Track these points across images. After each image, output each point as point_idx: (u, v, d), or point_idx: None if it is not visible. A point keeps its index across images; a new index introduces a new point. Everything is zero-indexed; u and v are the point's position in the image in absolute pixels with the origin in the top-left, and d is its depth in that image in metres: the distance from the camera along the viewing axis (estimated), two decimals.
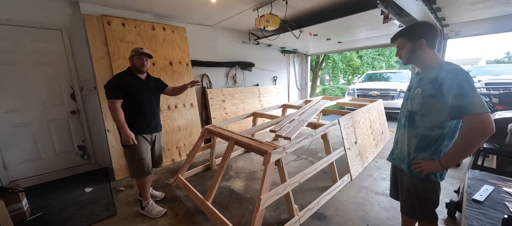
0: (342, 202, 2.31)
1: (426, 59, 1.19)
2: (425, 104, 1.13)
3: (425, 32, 1.16)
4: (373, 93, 6.36)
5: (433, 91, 1.09)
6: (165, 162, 3.32)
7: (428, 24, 1.21)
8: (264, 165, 1.83)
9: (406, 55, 1.23)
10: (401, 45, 1.24)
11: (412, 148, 1.21)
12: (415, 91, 1.20)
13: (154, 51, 3.15)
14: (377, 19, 3.02)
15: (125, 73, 2.00)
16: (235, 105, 4.47)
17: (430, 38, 1.16)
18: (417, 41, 1.17)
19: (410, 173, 1.22)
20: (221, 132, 2.51)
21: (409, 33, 1.21)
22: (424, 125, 1.15)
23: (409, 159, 1.23)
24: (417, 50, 1.18)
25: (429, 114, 1.13)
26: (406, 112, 1.28)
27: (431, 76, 1.12)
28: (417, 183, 1.21)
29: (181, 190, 2.62)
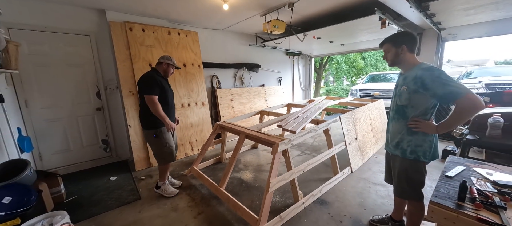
0: (342, 191, 2.54)
1: (406, 62, 1.44)
2: (411, 98, 1.37)
3: (405, 39, 1.42)
4: (375, 93, 6.53)
5: (416, 87, 1.32)
6: (179, 156, 3.60)
7: (408, 32, 1.47)
8: (272, 154, 2.09)
9: (391, 58, 1.49)
10: (387, 50, 1.50)
11: (405, 134, 1.45)
12: (401, 89, 1.44)
13: (170, 53, 3.44)
14: (377, 23, 3.25)
15: (157, 74, 2.28)
16: (242, 104, 4.74)
17: (409, 44, 1.41)
18: (400, 47, 1.42)
19: (402, 155, 1.47)
20: (232, 127, 2.78)
21: (393, 40, 1.46)
22: (415, 114, 1.39)
23: (402, 143, 1.47)
24: (399, 54, 1.43)
25: (416, 105, 1.37)
26: (395, 106, 1.52)
27: (412, 75, 1.36)
28: (407, 166, 1.45)
29: (196, 179, 2.89)
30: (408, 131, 1.44)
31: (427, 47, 4.08)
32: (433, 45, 4.01)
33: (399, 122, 1.49)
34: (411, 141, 1.43)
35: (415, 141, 1.42)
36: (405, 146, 1.45)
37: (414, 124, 1.39)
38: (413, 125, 1.40)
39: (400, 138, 1.48)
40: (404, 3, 2.40)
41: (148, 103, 2.14)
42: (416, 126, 1.38)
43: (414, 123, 1.39)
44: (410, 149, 1.43)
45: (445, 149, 3.42)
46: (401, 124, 1.47)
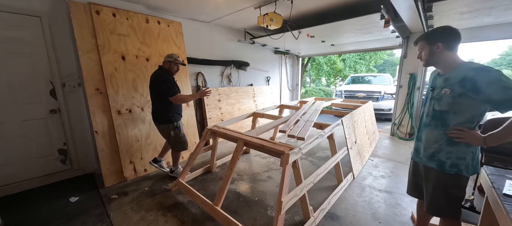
0: (350, 201, 2.35)
1: (445, 61, 1.26)
2: (455, 103, 1.18)
3: (442, 36, 1.24)
4: (359, 95, 6.67)
5: (463, 90, 1.14)
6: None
7: (446, 28, 1.26)
8: (281, 167, 1.77)
9: (425, 57, 1.31)
10: (421, 48, 1.33)
11: (444, 144, 1.25)
12: (442, 92, 1.24)
13: (149, 45, 2.91)
14: (375, 23, 3.16)
15: (166, 73, 2.48)
16: (230, 105, 4.35)
17: (446, 41, 1.23)
18: (435, 44, 1.25)
19: (440, 168, 1.27)
20: (227, 133, 2.40)
21: (428, 37, 1.29)
22: (457, 122, 1.20)
23: (440, 154, 1.27)
24: (435, 52, 1.26)
25: (461, 111, 1.19)
26: (431, 112, 1.32)
27: (458, 76, 1.18)
28: (446, 180, 1.25)
29: (183, 195, 2.44)
30: (448, 140, 1.25)
31: (414, 51, 4.17)
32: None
33: (437, 130, 1.29)
34: (451, 152, 1.24)
35: (456, 153, 1.23)
36: (443, 158, 1.27)
37: (457, 134, 1.20)
38: (455, 134, 1.21)
39: (437, 148, 1.29)
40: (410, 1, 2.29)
41: (177, 101, 2.46)
42: (458, 136, 1.20)
43: (456, 132, 1.21)
44: (450, 162, 1.25)
45: None
46: (439, 132, 1.29)
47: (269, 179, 2.85)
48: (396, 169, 3.17)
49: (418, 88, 4.33)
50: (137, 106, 2.79)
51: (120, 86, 2.64)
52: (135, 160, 2.81)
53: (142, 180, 2.80)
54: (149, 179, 2.83)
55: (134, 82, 2.76)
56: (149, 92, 2.64)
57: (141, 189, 2.58)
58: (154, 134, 2.97)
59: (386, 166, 3.28)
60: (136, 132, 2.80)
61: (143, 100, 2.85)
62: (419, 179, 1.47)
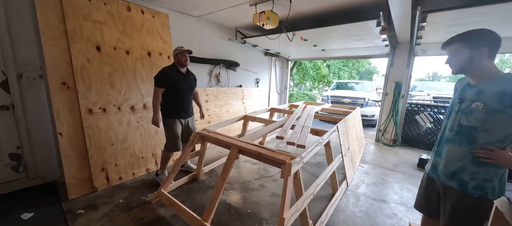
0: (347, 212, 2.25)
1: (483, 70, 1.10)
2: (489, 120, 1.05)
3: (489, 39, 1.06)
4: (345, 100, 6.81)
5: (501, 107, 1.01)
6: (138, 173, 2.72)
7: (490, 31, 1.08)
8: (283, 178, 1.59)
9: (459, 63, 1.12)
10: (455, 52, 1.13)
11: (468, 163, 1.13)
12: (473, 106, 1.10)
13: (130, 37, 2.57)
14: (369, 30, 3.16)
15: (170, 67, 2.41)
16: (218, 106, 4.09)
17: (493, 47, 1.06)
18: (478, 49, 1.06)
19: (461, 189, 1.15)
20: (219, 138, 2.16)
21: (468, 39, 1.09)
22: (486, 141, 1.07)
23: (462, 174, 1.15)
24: (475, 59, 1.08)
25: (494, 129, 1.05)
26: (457, 126, 1.17)
27: (495, 90, 1.04)
28: (469, 203, 1.13)
29: (166, 208, 2.14)
30: (475, 160, 1.11)
31: (400, 60, 4.32)
32: (405, 58, 4.26)
33: (461, 147, 1.15)
34: (477, 173, 1.11)
35: (483, 174, 1.10)
36: (466, 178, 1.14)
37: (486, 153, 1.07)
38: (483, 154, 1.07)
39: (461, 167, 1.15)
40: (407, 8, 2.28)
41: (153, 96, 2.34)
42: (488, 156, 1.06)
43: (485, 151, 1.07)
44: (475, 183, 1.12)
45: (420, 157, 3.58)
46: (464, 149, 1.14)
47: (262, 187, 2.66)
48: (385, 176, 3.18)
49: (403, 97, 4.48)
50: (113, 105, 2.43)
51: (93, 81, 2.26)
52: (108, 166, 2.44)
53: (116, 190, 2.43)
54: (125, 189, 2.47)
55: (111, 77, 2.39)
56: (127, 90, 2.31)
57: (114, 201, 2.22)
58: (132, 137, 2.62)
59: (376, 172, 3.28)
60: (110, 134, 2.43)
61: (120, 99, 2.49)
62: (432, 196, 1.35)
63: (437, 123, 4.39)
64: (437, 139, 1.33)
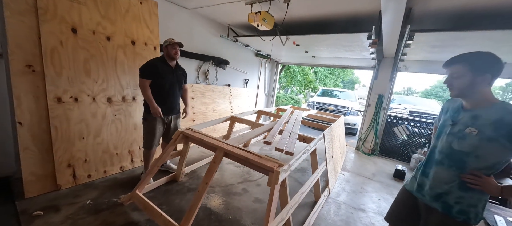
0: (329, 221, 2.26)
1: (480, 95, 1.07)
2: (481, 147, 1.03)
3: (493, 66, 1.02)
4: (330, 108, 6.98)
5: (496, 135, 0.99)
6: (110, 171, 2.50)
7: (497, 57, 1.03)
8: (270, 186, 1.53)
9: (461, 86, 1.08)
10: (457, 74, 1.08)
11: (455, 187, 1.12)
12: (467, 131, 1.07)
13: (112, 22, 2.34)
14: (359, 42, 3.24)
15: (158, 59, 2.28)
16: (204, 104, 3.94)
17: (495, 74, 1.03)
18: (481, 75, 1.03)
19: (446, 212, 1.14)
20: (204, 139, 2.04)
21: (472, 62, 1.04)
22: (475, 167, 1.07)
23: (448, 197, 1.14)
24: (477, 84, 1.04)
25: (485, 156, 1.04)
26: (447, 149, 1.15)
27: (492, 117, 1.01)
28: (451, 225, 1.14)
29: (139, 212, 1.97)
30: (461, 184, 1.10)
31: (384, 74, 4.51)
32: (389, 73, 4.46)
33: (450, 171, 1.13)
34: (463, 198, 1.10)
35: (468, 200, 1.10)
36: (451, 202, 1.13)
37: (473, 179, 1.06)
38: (471, 180, 1.06)
39: (447, 190, 1.14)
40: (398, 25, 2.37)
41: (139, 86, 2.20)
42: (475, 182, 1.06)
43: (472, 177, 1.06)
44: (459, 208, 1.11)
45: (396, 168, 3.75)
46: (452, 173, 1.13)
47: (245, 192, 2.58)
48: (365, 185, 3.28)
49: (384, 109, 4.69)
50: (87, 95, 2.19)
51: (65, 66, 2.02)
52: (76, 162, 2.20)
53: (83, 189, 2.20)
54: (94, 188, 2.24)
55: (87, 64, 2.16)
56: (105, 80, 2.10)
57: (80, 202, 2.00)
58: (107, 132, 2.39)
59: (356, 181, 3.37)
60: (81, 127, 2.19)
61: (96, 88, 2.26)
62: (412, 214, 1.33)
63: (412, 135, 4.65)
64: (425, 158, 1.30)
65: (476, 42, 2.66)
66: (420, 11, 2.40)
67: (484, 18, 2.34)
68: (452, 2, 2.16)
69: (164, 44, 2.29)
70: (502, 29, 2.15)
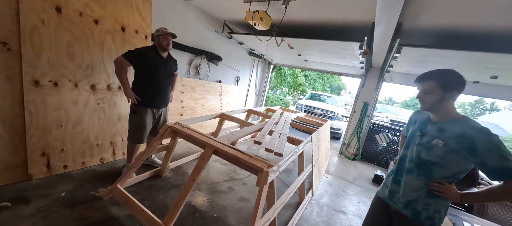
0: (311, 222, 2.32)
1: (446, 110, 1.17)
2: (446, 157, 1.11)
3: (459, 84, 1.12)
4: (317, 111, 7.15)
5: (459, 148, 1.07)
6: (89, 162, 2.36)
7: (459, 74, 1.14)
8: (258, 186, 1.54)
9: (431, 101, 1.17)
10: (429, 90, 1.17)
11: (423, 194, 1.20)
12: (434, 142, 1.16)
13: (102, 5, 2.19)
14: (351, 51, 3.35)
15: (149, 48, 2.16)
16: (194, 99, 3.85)
17: (460, 91, 1.14)
18: (449, 92, 1.13)
19: (415, 218, 1.22)
20: (193, 135, 2.00)
21: (442, 80, 1.14)
22: (441, 175, 1.15)
23: (417, 204, 1.21)
24: (445, 100, 1.14)
25: (448, 166, 1.13)
26: (416, 159, 1.23)
27: (455, 131, 1.10)
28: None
29: (120, 207, 1.89)
30: (428, 192, 1.18)
31: (370, 83, 4.71)
32: (375, 82, 4.66)
33: (419, 179, 1.21)
34: (430, 204, 1.19)
35: (435, 206, 1.18)
36: (420, 208, 1.20)
37: (438, 187, 1.15)
38: (436, 188, 1.15)
39: (416, 197, 1.21)
40: (388, 38, 2.48)
41: (115, 63, 2.04)
42: (439, 190, 1.15)
43: (437, 185, 1.15)
44: (427, 214, 1.19)
45: (376, 173, 3.94)
46: (421, 181, 1.21)
47: (230, 191, 2.57)
48: (346, 188, 3.40)
49: (368, 116, 4.89)
50: (69, 80, 2.05)
51: (46, 47, 1.86)
52: (52, 151, 2.05)
53: (58, 180, 2.06)
54: (70, 179, 2.11)
55: (71, 47, 2.01)
56: (89, 66, 1.98)
57: (55, 194, 1.87)
58: (88, 121, 2.26)
59: (339, 184, 3.49)
60: (60, 114, 2.04)
61: (79, 74, 2.11)
62: (384, 222, 1.39)
63: (392, 143, 4.91)
64: (395, 167, 1.37)
65: (456, 61, 2.86)
66: (409, 27, 2.53)
67: (466, 39, 2.52)
68: (438, 21, 2.30)
69: (155, 34, 2.18)
70: (480, 51, 2.33)
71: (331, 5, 2.44)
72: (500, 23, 2.11)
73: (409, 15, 2.26)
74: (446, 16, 2.19)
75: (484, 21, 2.14)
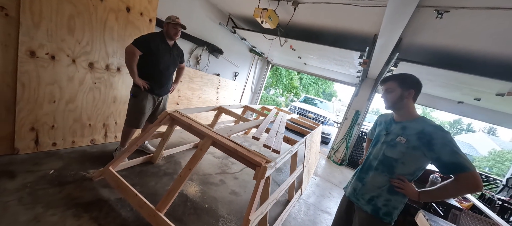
0: (298, 219, 2.39)
1: (407, 109, 1.25)
2: (407, 154, 1.18)
3: (415, 84, 1.23)
4: (310, 115, 7.29)
5: (419, 144, 1.14)
6: (80, 142, 2.29)
7: (416, 78, 1.26)
8: (255, 180, 1.57)
9: (393, 99, 1.26)
10: (391, 89, 1.27)
11: (385, 191, 1.25)
12: (397, 139, 1.23)
13: None
14: (350, 59, 3.45)
15: (157, 35, 2.13)
16: (191, 90, 3.81)
17: (417, 91, 1.24)
18: (407, 90, 1.22)
19: (374, 214, 1.27)
20: (192, 125, 1.99)
21: (401, 79, 1.25)
22: (401, 172, 1.21)
23: (377, 200, 1.27)
24: (404, 98, 1.23)
25: (409, 163, 1.19)
26: (381, 156, 1.29)
27: (416, 128, 1.18)
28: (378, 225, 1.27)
29: (110, 190, 1.85)
30: (390, 189, 1.24)
31: (364, 92, 4.87)
32: (368, 92, 4.83)
33: (382, 175, 1.27)
34: (390, 201, 1.24)
35: (394, 202, 1.24)
36: (380, 204, 1.26)
37: (398, 183, 1.20)
38: (396, 184, 1.21)
39: (378, 193, 1.27)
40: (388, 51, 2.59)
41: (126, 52, 2.01)
42: (399, 186, 1.20)
43: (398, 181, 1.21)
44: (386, 210, 1.24)
45: None
46: (383, 178, 1.26)
47: (222, 183, 2.58)
48: (332, 190, 3.52)
49: (358, 124, 5.07)
50: (67, 55, 1.97)
51: (45, 17, 1.78)
52: (41, 127, 1.97)
53: (45, 157, 1.99)
54: (58, 158, 2.03)
55: (72, 20, 1.93)
56: (89, 42, 1.92)
57: (42, 171, 1.81)
58: (82, 99, 2.19)
59: (325, 186, 3.60)
60: (54, 89, 1.96)
61: (78, 50, 2.04)
62: (348, 218, 1.45)
63: None
64: (360, 166, 1.44)
65: (446, 80, 3.05)
66: (408, 43, 2.66)
67: (458, 61, 2.69)
68: (436, 41, 2.44)
69: (165, 21, 2.14)
70: (469, 73, 2.50)
71: (339, 13, 2.51)
72: (492, 51, 2.28)
73: (410, 31, 2.38)
74: (444, 38, 2.32)
75: (478, 47, 2.30)
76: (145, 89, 2.12)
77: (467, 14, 1.94)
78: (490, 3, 1.75)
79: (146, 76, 2.12)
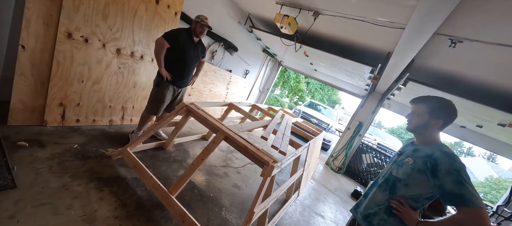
0: (294, 218, 2.54)
1: (429, 136, 1.16)
2: (411, 176, 1.11)
3: (447, 115, 1.12)
4: (313, 120, 7.39)
5: (423, 167, 1.07)
6: (99, 121, 2.45)
7: (451, 105, 1.13)
8: (262, 177, 1.71)
9: (416, 124, 1.18)
10: (418, 112, 1.18)
11: (382, 210, 1.19)
12: (406, 160, 1.17)
13: None
14: (361, 72, 3.55)
15: (184, 30, 2.26)
16: (203, 83, 3.95)
17: (447, 122, 1.13)
18: (435, 119, 1.12)
19: None
20: (207, 118, 2.13)
21: (433, 107, 1.13)
22: (403, 194, 1.14)
23: (374, 218, 1.23)
24: (429, 126, 1.14)
25: (412, 186, 1.11)
26: (387, 175, 1.24)
27: (425, 152, 1.10)
28: None
29: (127, 169, 2.01)
30: (388, 209, 1.17)
31: (370, 105, 4.96)
32: (374, 105, 4.92)
33: (383, 193, 1.21)
34: (385, 221, 1.17)
35: (390, 224, 1.16)
36: (375, 223, 1.21)
37: (397, 205, 1.13)
38: (395, 206, 1.13)
39: (375, 211, 1.21)
40: (399, 70, 2.69)
41: (156, 43, 2.12)
42: (397, 208, 1.13)
43: (397, 203, 1.13)
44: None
45: (355, 189, 4.23)
46: (385, 196, 1.20)
47: (226, 176, 2.73)
48: (327, 196, 3.66)
49: (360, 135, 5.17)
50: (99, 39, 2.11)
51: (84, 2, 1.91)
52: (69, 103, 2.12)
53: (69, 132, 2.14)
54: (80, 133, 2.19)
55: (107, 7, 2.06)
56: (119, 29, 2.05)
57: (67, 144, 1.96)
58: (107, 82, 2.33)
59: (321, 191, 3.74)
60: (83, 69, 2.11)
61: (109, 36, 2.17)
62: None
63: (373, 165, 5.22)
64: (373, 182, 1.41)
65: None
66: (419, 64, 2.75)
67: (466, 87, 2.78)
68: (445, 66, 2.53)
69: (195, 19, 2.26)
70: (475, 101, 2.59)
71: (358, 28, 2.61)
72: (497, 82, 2.37)
73: (422, 54, 2.47)
74: (453, 65, 2.42)
75: (485, 77, 2.39)
76: (168, 80, 2.25)
77: (478, 46, 2.03)
78: (503, 40, 1.85)
79: (170, 68, 2.25)
